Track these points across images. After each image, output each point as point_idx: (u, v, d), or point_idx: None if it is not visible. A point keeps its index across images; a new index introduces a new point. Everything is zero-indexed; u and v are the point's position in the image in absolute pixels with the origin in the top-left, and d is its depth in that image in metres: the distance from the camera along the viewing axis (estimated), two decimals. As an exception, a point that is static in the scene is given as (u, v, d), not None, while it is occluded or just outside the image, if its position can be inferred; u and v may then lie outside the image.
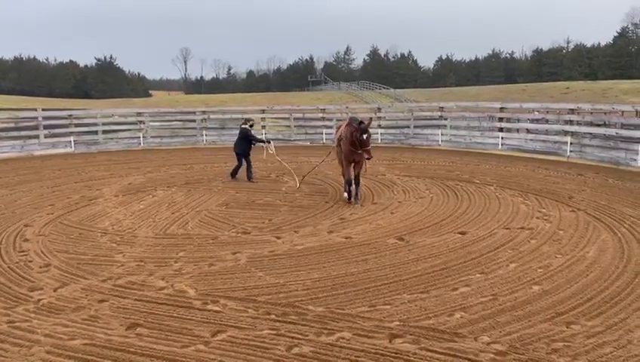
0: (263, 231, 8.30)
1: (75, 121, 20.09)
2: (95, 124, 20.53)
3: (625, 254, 6.84)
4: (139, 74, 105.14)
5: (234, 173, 12.70)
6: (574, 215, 8.88)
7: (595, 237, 7.63)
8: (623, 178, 12.18)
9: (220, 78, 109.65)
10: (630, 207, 9.35)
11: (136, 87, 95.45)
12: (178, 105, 47.60)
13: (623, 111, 16.95)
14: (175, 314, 5.28)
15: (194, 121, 21.45)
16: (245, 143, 12.63)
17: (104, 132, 20.41)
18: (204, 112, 21.89)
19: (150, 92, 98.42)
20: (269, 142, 13.03)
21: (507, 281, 6.01)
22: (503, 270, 6.37)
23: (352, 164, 9.91)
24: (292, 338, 4.74)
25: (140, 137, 20.62)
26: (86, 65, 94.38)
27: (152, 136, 20.98)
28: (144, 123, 20.93)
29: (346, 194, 10.10)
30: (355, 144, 9.40)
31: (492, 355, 4.38)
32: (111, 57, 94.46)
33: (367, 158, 9.34)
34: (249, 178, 12.47)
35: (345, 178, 10.10)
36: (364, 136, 9.22)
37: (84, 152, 19.20)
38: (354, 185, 9.95)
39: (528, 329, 4.84)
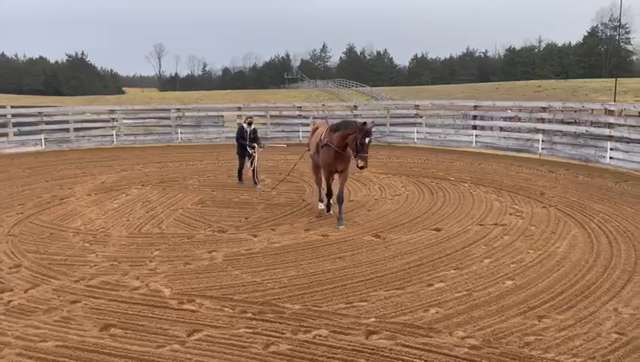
0: (239, 229, 8.25)
1: (46, 119, 19.63)
2: (66, 122, 20.08)
3: (594, 249, 7.02)
4: (111, 70, 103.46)
5: (239, 176, 11.94)
6: (546, 211, 9.07)
7: (565, 232, 7.81)
8: (592, 175, 12.49)
9: (195, 75, 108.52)
10: (599, 203, 9.59)
11: (108, 83, 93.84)
12: (152, 102, 46.93)
13: (592, 110, 17.35)
14: (150, 314, 5.21)
15: (169, 118, 21.18)
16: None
17: (76, 129, 19.97)
18: (179, 110, 21.64)
19: (123, 89, 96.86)
20: (256, 148, 11.64)
21: (481, 277, 6.11)
22: (477, 265, 6.47)
23: (333, 175, 8.77)
24: (269, 336, 4.73)
25: (113, 135, 20.27)
26: (57, 62, 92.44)
27: (125, 134, 20.64)
28: (117, 120, 20.57)
29: (322, 206, 9.20)
30: (342, 148, 8.11)
31: (466, 349, 4.46)
32: (82, 53, 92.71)
33: (362, 168, 7.91)
34: (239, 178, 11.89)
35: (319, 187, 9.37)
36: (367, 140, 7.78)
37: (56, 150, 18.79)
38: (335, 202, 8.70)
39: (501, 323, 4.93)
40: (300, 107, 22.08)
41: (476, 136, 17.82)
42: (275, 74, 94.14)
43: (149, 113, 22.03)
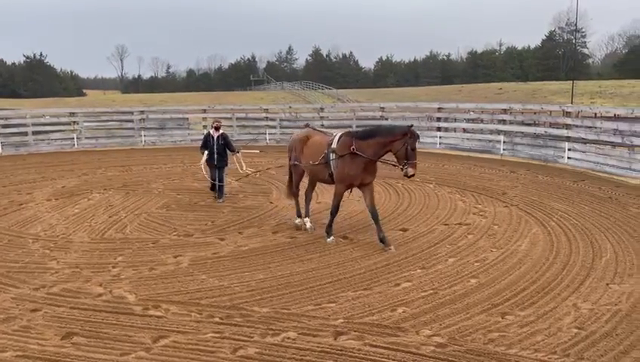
0: (205, 233, 8.16)
1: (2, 122, 18.98)
2: (24, 125, 19.45)
3: (554, 247, 7.25)
4: (71, 72, 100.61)
5: (215, 188, 10.55)
6: (508, 210, 9.30)
7: (526, 231, 8.03)
8: (551, 174, 12.88)
9: (159, 76, 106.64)
10: (558, 201, 9.90)
11: (68, 85, 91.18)
12: (114, 104, 45.87)
13: (551, 111, 17.89)
14: (114, 321, 5.10)
15: (131, 121, 20.75)
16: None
17: (34, 133, 19.35)
18: (142, 112, 21.22)
19: (84, 91, 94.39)
20: (229, 156, 10.43)
21: (446, 275, 6.22)
22: (443, 265, 6.59)
23: (352, 189, 7.78)
24: (237, 340, 4.70)
25: (73, 138, 19.73)
26: (13, 63, 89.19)
27: (86, 137, 20.12)
28: (78, 123, 20.03)
29: (300, 221, 8.32)
30: (378, 157, 7.28)
31: (433, 347, 4.53)
32: (41, 55, 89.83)
33: (412, 176, 7.08)
34: (217, 193, 10.49)
35: (299, 200, 8.33)
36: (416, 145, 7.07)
37: (13, 154, 18.16)
38: (375, 223, 7.45)
39: (466, 321, 5.03)
40: (267, 109, 22.02)
41: (440, 137, 18.12)
42: (240, 76, 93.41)
43: (111, 115, 21.53)
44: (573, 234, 7.77)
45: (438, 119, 18.84)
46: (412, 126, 7.06)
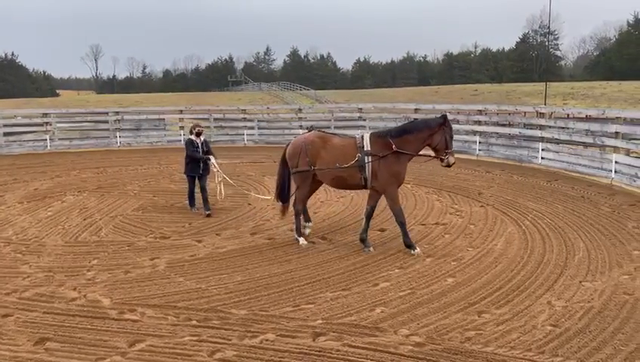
0: (182, 235, 8.08)
1: (-28, 123, 18.46)
2: (-5, 126, 18.97)
3: (529, 245, 7.37)
4: (44, 72, 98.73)
5: (190, 200, 9.62)
6: (484, 210, 9.43)
7: (502, 230, 8.15)
8: (525, 174, 13.09)
9: (135, 77, 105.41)
10: (532, 201, 10.07)
11: (41, 86, 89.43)
12: (89, 105, 45.18)
13: (525, 112, 18.17)
14: (89, 326, 5.01)
15: (106, 122, 20.40)
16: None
17: (5, 134, 18.89)
18: (117, 113, 20.89)
19: (58, 91, 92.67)
20: (212, 161, 9.49)
21: (424, 275, 6.27)
22: (420, 264, 6.64)
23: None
24: (214, 343, 4.66)
25: (46, 139, 19.31)
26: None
27: (60, 138, 19.72)
28: (51, 124, 19.62)
29: (303, 241, 7.52)
30: (417, 152, 7.24)
31: (411, 347, 4.56)
32: (12, 54, 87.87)
33: (451, 165, 7.29)
34: (190, 203, 9.61)
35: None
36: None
37: (-17, 156, 17.70)
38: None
39: (444, 320, 5.08)
40: (245, 110, 21.90)
41: (418, 138, 18.24)
42: (218, 76, 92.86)
43: (85, 116, 21.16)
44: (547, 233, 7.92)
45: (415, 120, 18.98)
46: (445, 115, 7.16)
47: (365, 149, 7.12)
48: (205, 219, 8.89)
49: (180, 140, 20.17)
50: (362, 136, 7.30)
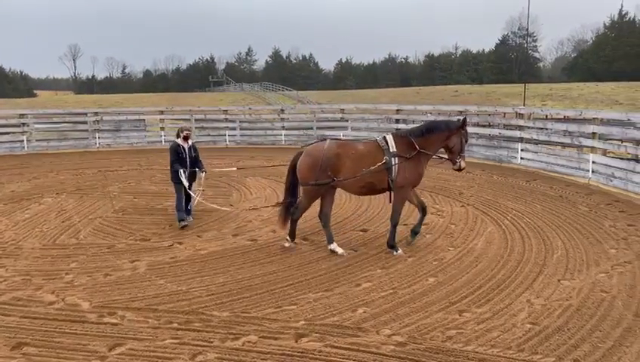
0: (163, 237, 8.00)
1: (-55, 123, 18.04)
2: (-30, 127, 18.57)
3: (508, 244, 7.46)
4: (21, 72, 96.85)
5: (180, 210, 8.66)
6: (464, 210, 9.52)
7: (482, 229, 8.24)
8: (505, 174, 13.26)
9: (114, 77, 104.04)
10: (512, 200, 10.20)
11: (18, 86, 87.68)
12: (67, 105, 44.45)
13: (505, 113, 18.40)
14: (67, 330, 4.93)
15: (85, 122, 20.12)
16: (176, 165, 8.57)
17: (-19, 135, 18.52)
18: (96, 113, 20.60)
19: (35, 92, 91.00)
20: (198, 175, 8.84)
21: (406, 275, 6.31)
22: (402, 264, 6.68)
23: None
24: (196, 345, 4.62)
25: (23, 141, 18.96)
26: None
27: (37, 140, 19.38)
28: (28, 125, 19.27)
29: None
30: (435, 153, 7.27)
31: (393, 347, 4.58)
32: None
33: (462, 169, 7.44)
34: (180, 216, 8.62)
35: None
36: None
37: (-43, 158, 17.30)
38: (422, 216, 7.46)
39: (425, 319, 5.12)
40: (226, 110, 21.79)
41: (399, 138, 18.34)
42: (199, 77, 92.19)
43: (63, 117, 20.81)
44: (527, 233, 8.02)
45: (397, 121, 19.10)
46: (465, 117, 7.19)
47: (391, 150, 6.99)
48: (187, 221, 8.77)
49: (161, 141, 20.01)
50: (385, 138, 7.15)
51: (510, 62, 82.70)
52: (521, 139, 14.70)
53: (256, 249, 7.37)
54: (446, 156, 7.39)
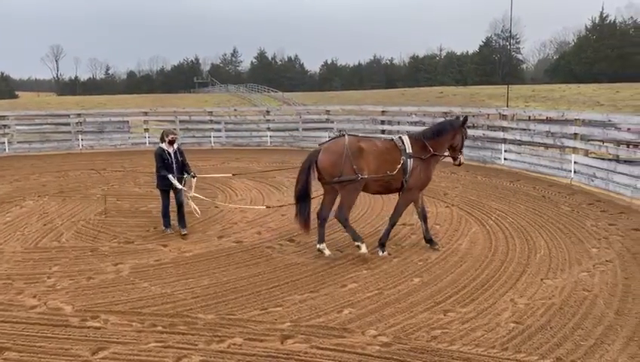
0: (147, 239, 7.93)
1: None
2: (-51, 129, 18.24)
3: (492, 244, 7.53)
4: (2, 73, 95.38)
5: (165, 218, 8.38)
6: (449, 210, 9.59)
7: (467, 230, 8.30)
8: (489, 175, 13.38)
9: (98, 78, 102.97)
10: (496, 201, 10.30)
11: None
12: (49, 107, 43.86)
13: (488, 115, 18.60)
14: (50, 334, 4.86)
15: (68, 124, 19.88)
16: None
17: (-40, 137, 18.20)
18: (79, 115, 20.36)
19: (16, 93, 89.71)
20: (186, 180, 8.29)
21: (391, 275, 6.33)
22: (387, 265, 6.70)
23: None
24: (181, 349, 4.58)
25: (4, 143, 18.67)
26: None
27: (19, 142, 19.10)
28: (9, 127, 18.99)
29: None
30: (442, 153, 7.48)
31: (378, 347, 4.59)
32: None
33: (461, 164, 7.82)
34: (165, 224, 8.35)
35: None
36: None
37: (-64, 160, 16.98)
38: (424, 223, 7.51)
39: (410, 319, 5.14)
40: (211, 112, 21.69)
41: (384, 140, 18.41)
42: (184, 78, 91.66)
43: (45, 119, 20.52)
44: (510, 233, 8.10)
45: (382, 122, 19.17)
46: (466, 116, 7.51)
47: (408, 151, 7.08)
48: (171, 223, 8.67)
49: (145, 142, 19.84)
50: (401, 138, 7.22)
51: (494, 63, 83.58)
52: (504, 140, 14.84)
53: (242, 251, 7.34)
54: (445, 153, 7.56)
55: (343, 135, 7.15)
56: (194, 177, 8.27)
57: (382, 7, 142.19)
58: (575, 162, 12.16)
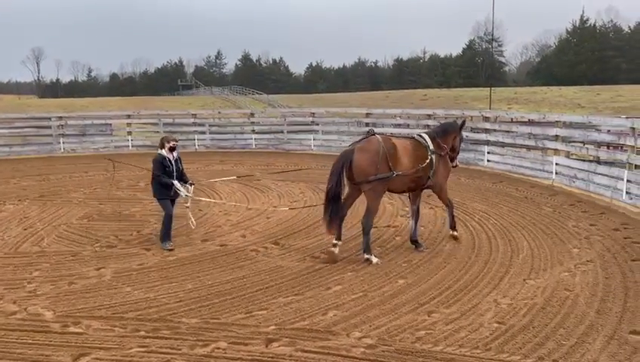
0: (130, 243, 7.85)
1: None
2: None
3: (476, 245, 7.59)
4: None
5: (166, 232, 7.75)
6: (433, 212, 9.64)
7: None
8: (472, 176, 13.49)
9: (80, 80, 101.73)
10: (479, 202, 10.39)
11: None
12: (30, 110, 43.20)
13: (472, 117, 18.73)
14: (30, 341, 4.79)
15: (49, 127, 19.60)
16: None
17: (-62, 140, 17.84)
18: (61, 118, 20.10)
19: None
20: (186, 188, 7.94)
21: (376, 277, 6.35)
22: (372, 266, 6.72)
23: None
24: (164, 353, 4.54)
25: (-17, 146, 18.37)
26: None
27: (-2, 145, 18.80)
28: (-11, 130, 18.68)
29: (376, 260, 6.89)
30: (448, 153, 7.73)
31: (363, 349, 4.60)
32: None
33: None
34: (165, 237, 7.70)
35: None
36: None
37: None
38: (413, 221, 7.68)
39: (395, 321, 5.16)
40: (195, 114, 21.56)
41: (369, 142, 18.44)
42: (168, 80, 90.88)
43: (26, 121, 20.24)
44: (493, 234, 8.18)
45: (367, 124, 19.21)
46: (464, 120, 7.80)
47: (431, 148, 7.37)
48: (154, 227, 8.62)
49: (128, 146, 19.66)
50: (422, 136, 7.56)
51: (477, 66, 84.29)
52: (487, 142, 14.98)
53: (226, 254, 7.30)
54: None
55: (374, 134, 7.14)
56: (192, 185, 8.04)
57: (366, 9, 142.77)
58: (556, 163, 12.33)
